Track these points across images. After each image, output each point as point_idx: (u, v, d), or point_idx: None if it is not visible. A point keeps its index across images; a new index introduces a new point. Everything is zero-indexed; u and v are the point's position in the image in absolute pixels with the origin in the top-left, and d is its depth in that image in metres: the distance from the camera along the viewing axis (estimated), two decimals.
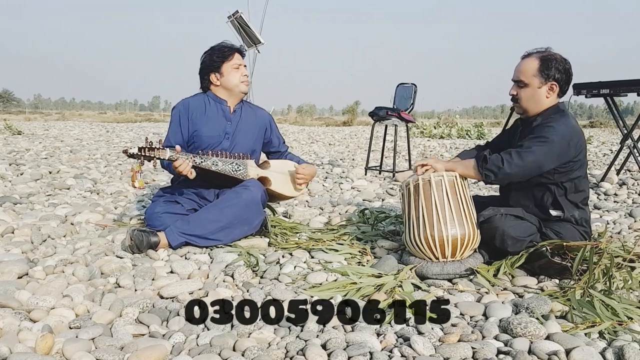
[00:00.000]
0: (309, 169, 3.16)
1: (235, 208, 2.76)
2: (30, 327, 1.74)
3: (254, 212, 2.82)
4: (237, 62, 2.97)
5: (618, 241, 2.51)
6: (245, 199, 2.79)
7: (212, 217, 2.73)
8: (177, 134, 2.95)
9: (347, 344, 1.67)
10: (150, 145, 2.65)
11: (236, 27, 8.23)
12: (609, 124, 20.08)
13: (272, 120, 3.24)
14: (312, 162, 6.75)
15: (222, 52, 2.96)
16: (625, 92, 4.42)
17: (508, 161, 2.36)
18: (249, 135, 3.05)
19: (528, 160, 2.34)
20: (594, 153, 8.39)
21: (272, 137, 3.22)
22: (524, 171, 2.37)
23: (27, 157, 6.65)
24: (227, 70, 2.96)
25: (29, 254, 2.58)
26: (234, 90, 2.99)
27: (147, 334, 1.77)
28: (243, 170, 2.90)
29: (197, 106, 2.99)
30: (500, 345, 1.67)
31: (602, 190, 4.58)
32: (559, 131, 2.34)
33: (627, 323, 1.81)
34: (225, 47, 2.99)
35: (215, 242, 2.74)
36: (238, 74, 2.98)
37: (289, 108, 40.38)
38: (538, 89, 2.42)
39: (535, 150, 2.34)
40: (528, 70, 2.43)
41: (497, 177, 2.39)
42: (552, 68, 2.40)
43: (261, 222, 2.91)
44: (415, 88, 5.67)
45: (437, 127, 14.71)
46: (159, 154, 2.66)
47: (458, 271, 2.33)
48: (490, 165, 2.40)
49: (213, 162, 2.80)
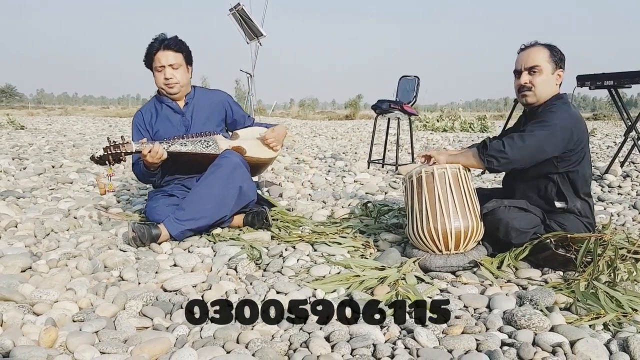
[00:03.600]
0: (277, 131, 3.15)
1: (220, 178, 2.75)
2: (34, 320, 1.74)
3: (240, 175, 2.81)
4: (158, 63, 2.87)
5: (622, 233, 2.51)
6: (226, 165, 2.78)
7: (203, 194, 2.72)
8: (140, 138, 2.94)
9: (351, 336, 1.67)
10: (113, 143, 2.64)
11: (238, 19, 8.18)
12: (612, 116, 20.01)
13: (230, 100, 3.20)
14: (314, 156, 6.74)
15: (147, 52, 2.90)
16: (629, 83, 4.39)
17: (509, 145, 2.34)
18: (208, 121, 3.05)
19: (530, 144, 2.32)
20: (598, 145, 8.36)
21: (234, 116, 3.19)
22: (526, 155, 2.34)
23: (30, 152, 6.65)
24: (154, 72, 2.93)
25: (32, 247, 2.58)
26: (162, 91, 2.97)
27: (151, 327, 1.77)
28: (214, 145, 2.89)
29: (150, 112, 3.02)
30: (504, 337, 1.67)
31: (606, 182, 4.56)
32: (561, 117, 2.34)
33: (632, 315, 1.81)
34: (151, 45, 2.88)
35: (214, 218, 2.74)
36: (161, 76, 2.90)
37: (292, 102, 40.34)
38: (551, 75, 2.42)
39: (537, 134, 2.33)
40: (541, 56, 2.42)
41: (500, 162, 2.36)
42: (558, 55, 2.43)
43: (253, 188, 2.91)
44: (418, 81, 5.65)
45: (440, 120, 14.67)
46: (126, 149, 2.64)
47: (461, 263, 2.33)
48: (491, 151, 2.37)
49: (182, 144, 2.79)
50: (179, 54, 2.91)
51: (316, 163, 6.12)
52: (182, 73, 2.94)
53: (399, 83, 5.82)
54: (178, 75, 2.92)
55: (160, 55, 2.87)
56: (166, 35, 2.94)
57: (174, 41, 2.91)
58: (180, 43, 2.94)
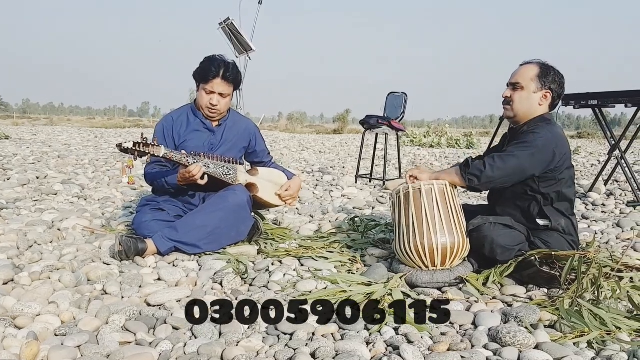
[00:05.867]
0: (294, 187, 3.13)
1: (222, 212, 2.74)
2: (15, 334, 1.71)
3: (241, 217, 2.81)
4: (210, 88, 2.84)
5: (606, 251, 2.52)
6: (232, 202, 2.77)
7: (199, 222, 2.71)
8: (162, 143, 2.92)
9: (337, 352, 1.66)
10: (145, 141, 2.64)
11: (227, 33, 8.22)
12: (596, 135, 20.30)
13: (257, 132, 3.21)
14: (302, 170, 6.75)
15: (204, 71, 2.85)
16: (613, 103, 4.46)
17: (490, 165, 2.38)
18: (233, 146, 3.04)
19: (510, 164, 2.37)
20: (582, 164, 8.46)
21: (256, 147, 3.18)
22: (506, 175, 2.38)
23: (14, 162, 6.57)
24: (200, 91, 2.90)
25: (15, 259, 2.54)
26: (201, 110, 2.95)
27: (134, 342, 1.75)
28: (233, 174, 2.88)
29: (181, 120, 2.98)
30: (489, 354, 1.67)
31: (590, 200, 4.61)
32: (543, 137, 2.38)
33: (616, 333, 1.82)
34: (210, 69, 2.83)
35: (203, 249, 2.72)
36: (207, 99, 2.88)
37: (280, 115, 40.41)
38: (533, 93, 2.46)
39: (518, 155, 2.37)
40: (527, 74, 2.48)
41: (480, 180, 2.40)
42: (550, 77, 2.46)
43: (249, 228, 2.90)
44: (405, 97, 5.70)
45: (427, 136, 14.78)
46: (154, 151, 2.64)
47: (447, 280, 2.33)
48: (472, 170, 2.41)
49: (205, 164, 2.77)
50: (232, 85, 2.90)
51: (304, 177, 6.12)
52: (227, 102, 2.93)
53: (387, 99, 5.87)
54: (223, 104, 2.90)
55: (216, 82, 2.83)
56: (226, 58, 2.89)
57: (234, 73, 2.88)
58: (238, 75, 2.92)
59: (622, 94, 4.39)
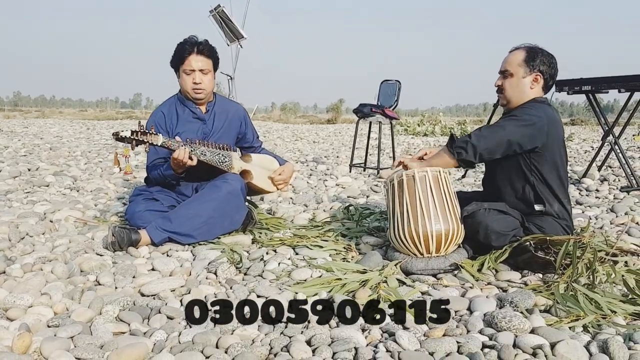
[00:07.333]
0: (286, 173, 3.14)
1: (215, 202, 2.73)
2: (7, 325, 1.70)
3: (235, 205, 2.80)
4: (189, 67, 2.82)
5: (601, 235, 2.53)
6: (225, 191, 2.76)
7: (193, 211, 2.69)
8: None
9: (332, 339, 1.65)
10: (142, 129, 2.61)
11: (218, 21, 8.15)
12: (589, 121, 20.37)
13: (246, 115, 3.19)
14: (295, 160, 6.73)
15: (178, 52, 2.83)
16: (606, 88, 4.46)
17: (476, 135, 2.41)
18: (225, 131, 3.02)
19: (497, 135, 2.38)
20: (576, 150, 8.48)
21: (246, 131, 3.17)
22: (492, 144, 2.38)
23: (5, 155, 6.52)
24: (181, 74, 2.87)
25: (7, 251, 2.52)
26: (187, 95, 2.93)
27: (128, 332, 1.73)
28: (228, 162, 2.87)
29: (171, 114, 2.96)
30: (485, 339, 1.67)
31: (584, 186, 4.62)
32: (532, 113, 2.39)
33: (611, 316, 1.82)
34: (183, 48, 2.82)
35: (197, 239, 2.70)
36: (189, 79, 2.85)
37: (273, 106, 40.30)
38: (522, 79, 2.46)
39: (505, 125, 2.40)
40: (514, 60, 2.48)
41: (467, 151, 2.39)
42: (538, 59, 2.45)
43: (243, 217, 2.88)
44: (399, 85, 5.67)
45: (420, 125, 14.78)
46: (152, 140, 2.62)
47: (442, 266, 2.33)
48: (458, 142, 2.43)
49: (202, 152, 2.76)
50: (209, 60, 2.88)
51: (298, 167, 6.10)
52: (209, 79, 2.90)
53: (380, 87, 5.83)
54: (206, 81, 2.87)
55: (192, 59, 2.82)
56: (197, 38, 2.88)
57: (207, 46, 2.86)
58: (212, 49, 2.90)
59: (616, 79, 4.39)
